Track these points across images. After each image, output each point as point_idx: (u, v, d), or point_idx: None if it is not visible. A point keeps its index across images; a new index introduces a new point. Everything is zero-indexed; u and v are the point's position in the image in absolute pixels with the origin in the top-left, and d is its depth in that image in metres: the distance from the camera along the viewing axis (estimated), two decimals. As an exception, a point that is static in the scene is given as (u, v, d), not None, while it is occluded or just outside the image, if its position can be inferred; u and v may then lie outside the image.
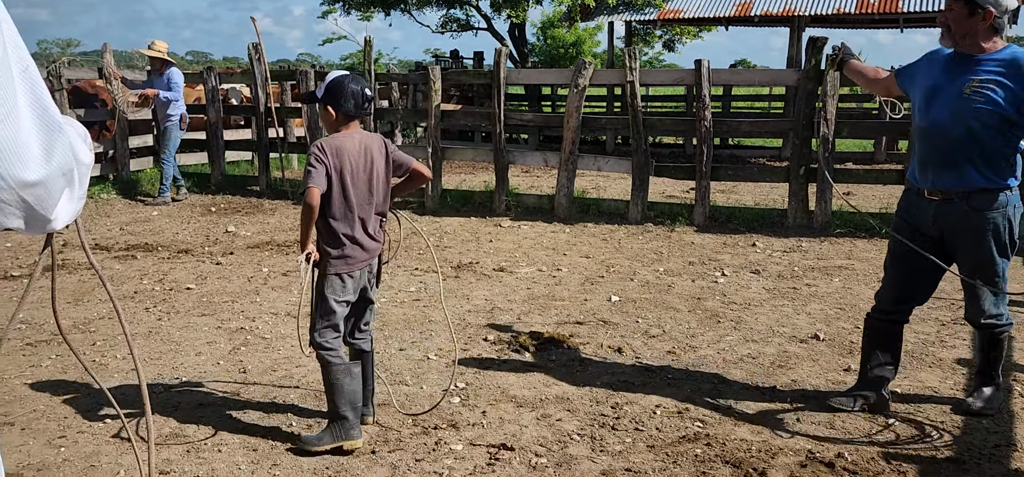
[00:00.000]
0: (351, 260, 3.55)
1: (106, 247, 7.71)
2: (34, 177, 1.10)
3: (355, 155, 3.52)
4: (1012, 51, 3.50)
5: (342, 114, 3.55)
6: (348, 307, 3.62)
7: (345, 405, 3.49)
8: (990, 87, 3.48)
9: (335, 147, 3.48)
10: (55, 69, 10.67)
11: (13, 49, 1.09)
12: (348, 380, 3.51)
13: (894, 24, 19.69)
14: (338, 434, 3.50)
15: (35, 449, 3.56)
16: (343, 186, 3.49)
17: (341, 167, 3.48)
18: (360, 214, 3.55)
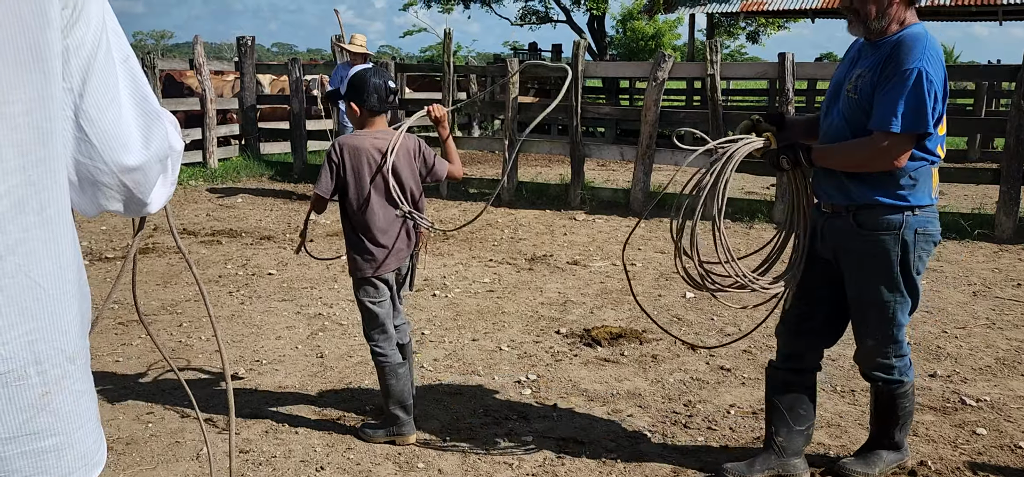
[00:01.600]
0: (375, 262, 3.45)
1: (193, 232, 8.01)
2: (134, 162, 1.16)
3: (374, 154, 3.40)
4: (905, 33, 2.78)
5: (366, 110, 3.46)
6: (388, 304, 3.55)
7: (394, 404, 3.51)
8: (867, 80, 2.82)
9: (352, 147, 3.40)
10: (149, 59, 11.13)
11: (115, 39, 1.14)
12: (394, 381, 3.49)
13: (992, 17, 18.80)
14: (391, 431, 3.55)
15: (124, 424, 3.72)
16: (360, 186, 3.40)
17: (358, 167, 3.39)
18: (385, 216, 3.43)
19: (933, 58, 2.72)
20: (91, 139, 1.10)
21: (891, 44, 2.77)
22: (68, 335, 1.08)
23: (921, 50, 2.71)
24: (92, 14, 1.08)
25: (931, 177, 2.90)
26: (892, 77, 2.73)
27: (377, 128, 3.49)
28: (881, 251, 2.91)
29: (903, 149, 2.75)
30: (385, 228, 3.44)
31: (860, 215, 2.91)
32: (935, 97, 2.74)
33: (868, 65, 2.84)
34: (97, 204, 1.17)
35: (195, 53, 11.47)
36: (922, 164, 2.85)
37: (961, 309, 5.63)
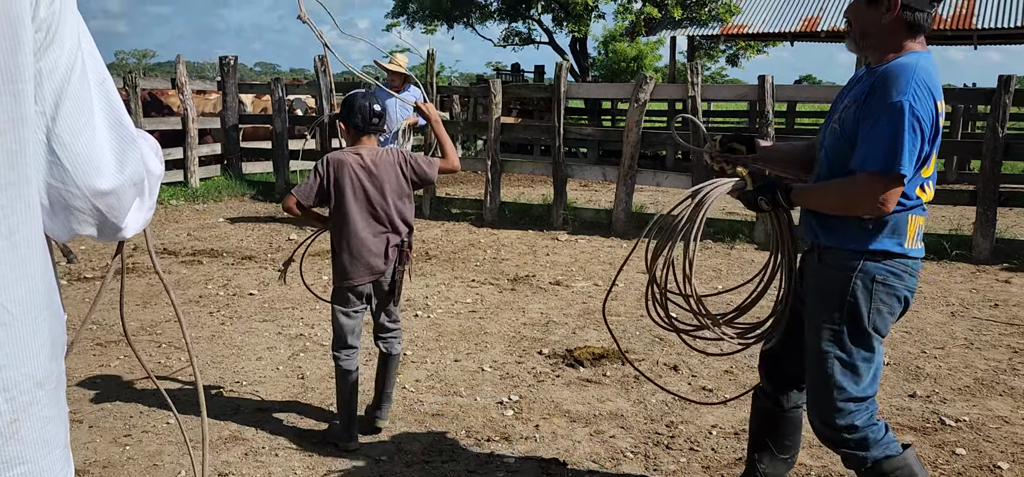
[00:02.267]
0: (349, 274, 3.61)
1: (174, 252, 7.95)
2: (107, 186, 1.14)
3: (357, 170, 3.57)
4: (896, 61, 2.44)
5: (352, 129, 3.68)
6: (358, 318, 3.71)
7: (342, 410, 3.68)
8: (851, 113, 2.51)
9: (336, 161, 3.57)
10: (131, 79, 11.07)
11: (91, 62, 1.13)
12: (345, 387, 3.66)
13: (967, 41, 19.11)
14: (336, 434, 3.71)
15: (101, 446, 3.67)
16: (341, 200, 3.56)
17: (339, 181, 3.55)
18: (363, 229, 3.58)
19: (921, 91, 2.36)
20: (63, 163, 1.09)
21: (879, 73, 2.44)
22: (38, 360, 1.07)
23: (907, 81, 2.36)
24: (66, 37, 1.07)
25: (905, 223, 2.49)
26: (874, 111, 2.40)
27: (364, 146, 3.66)
28: (829, 291, 2.57)
29: (886, 191, 2.39)
30: (361, 241, 3.58)
31: (825, 254, 2.61)
32: (921, 136, 2.38)
33: (856, 95, 2.51)
34: (69, 228, 1.16)
35: (177, 72, 11.43)
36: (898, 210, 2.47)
37: (939, 329, 5.68)
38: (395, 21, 21.34)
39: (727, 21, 18.51)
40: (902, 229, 2.50)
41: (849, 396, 2.55)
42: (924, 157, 2.44)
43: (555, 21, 19.83)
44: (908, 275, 2.53)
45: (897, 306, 2.55)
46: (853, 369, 2.55)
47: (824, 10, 17.73)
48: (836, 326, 2.55)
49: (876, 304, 2.51)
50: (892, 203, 2.42)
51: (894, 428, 3.97)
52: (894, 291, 2.52)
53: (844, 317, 2.53)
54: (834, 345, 2.56)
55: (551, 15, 19.89)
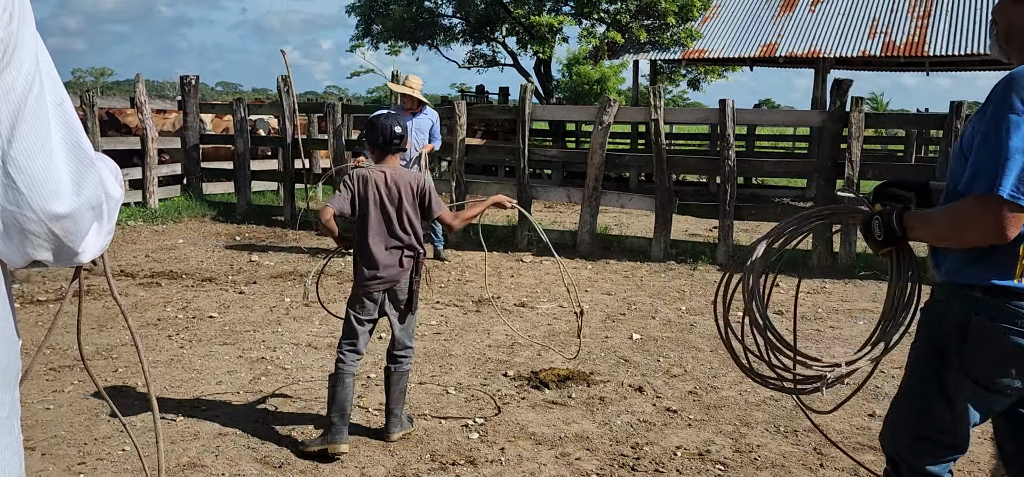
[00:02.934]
0: (365, 280, 3.85)
1: (131, 274, 7.79)
2: (64, 210, 1.12)
3: (381, 186, 3.86)
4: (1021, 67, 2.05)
5: (376, 148, 3.97)
6: (367, 326, 3.92)
7: (334, 411, 3.77)
8: (970, 125, 2.18)
9: (362, 177, 3.87)
10: (88, 97, 10.88)
11: (50, 83, 1.11)
12: (340, 389, 3.79)
13: (920, 67, 19.62)
14: (326, 438, 3.78)
15: (55, 474, 3.57)
16: (365, 213, 3.84)
17: (366, 195, 3.84)
18: (380, 240, 3.84)
19: None
20: (19, 186, 1.06)
21: (1004, 78, 2.06)
22: None
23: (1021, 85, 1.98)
24: (24, 59, 1.05)
25: (1017, 254, 2.08)
26: (987, 121, 2.04)
27: (388, 164, 3.94)
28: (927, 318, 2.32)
29: (993, 217, 2.01)
30: (377, 250, 3.82)
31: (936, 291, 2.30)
32: None
33: (981, 107, 2.13)
34: (24, 253, 1.13)
35: (136, 91, 11.26)
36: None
37: (897, 350, 5.76)
38: (359, 42, 21.29)
39: (689, 46, 18.78)
40: (1011, 261, 2.10)
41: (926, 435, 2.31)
42: None
43: (519, 43, 19.95)
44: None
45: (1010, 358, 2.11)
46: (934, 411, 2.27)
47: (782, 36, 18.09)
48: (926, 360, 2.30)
49: (972, 347, 2.15)
50: (1010, 230, 2.02)
51: (854, 447, 4.02)
52: (1000, 336, 2.11)
53: (933, 353, 2.26)
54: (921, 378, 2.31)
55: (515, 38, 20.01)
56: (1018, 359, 2.11)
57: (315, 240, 9.84)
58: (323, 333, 5.88)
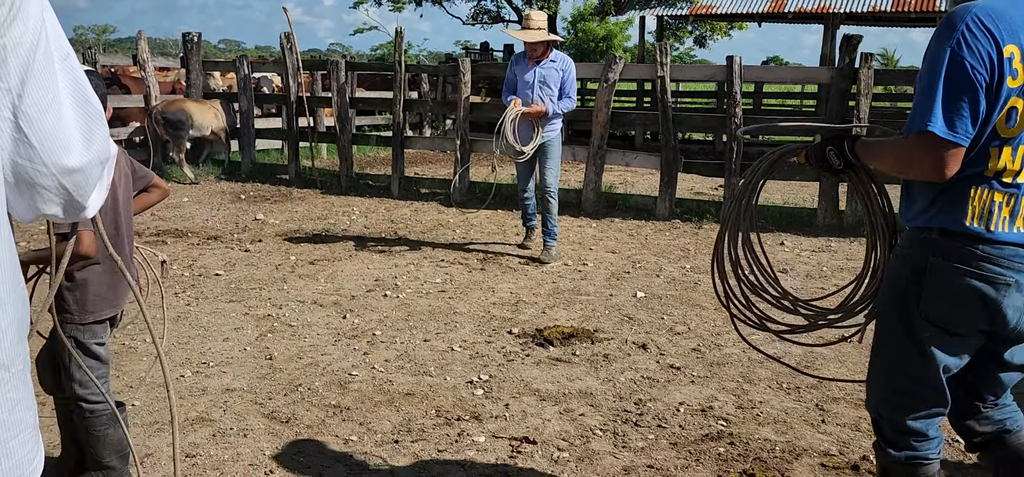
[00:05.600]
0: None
1: (137, 232, 7.82)
2: (75, 164, 1.12)
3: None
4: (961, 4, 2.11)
5: None
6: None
7: (111, 454, 3.06)
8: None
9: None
10: (90, 55, 10.84)
11: (55, 37, 1.11)
12: (111, 429, 3.02)
13: (931, 22, 19.39)
14: None
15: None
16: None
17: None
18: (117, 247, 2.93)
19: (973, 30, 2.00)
20: (31, 140, 1.07)
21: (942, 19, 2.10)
22: (3, 342, 1.04)
23: (957, 21, 2.02)
24: (31, 12, 1.05)
25: (965, 196, 2.11)
26: (925, 62, 2.08)
27: None
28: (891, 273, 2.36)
29: (931, 154, 2.04)
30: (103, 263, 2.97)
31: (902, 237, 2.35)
32: (971, 85, 2.00)
33: None
34: (35, 208, 1.14)
35: (139, 49, 11.20)
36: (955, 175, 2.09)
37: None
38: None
39: (695, 2, 18.58)
40: (960, 203, 2.12)
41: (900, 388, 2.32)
42: (984, 111, 2.02)
43: (524, 0, 19.78)
44: (980, 262, 2.11)
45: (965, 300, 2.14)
46: (905, 361, 2.28)
47: (791, -9, 17.88)
48: (888, 307, 2.32)
49: (928, 291, 2.18)
50: (948, 167, 2.04)
51: (856, 403, 4.05)
52: (952, 279, 2.14)
53: (896, 299, 2.28)
54: (888, 326, 2.33)
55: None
56: (974, 301, 2.14)
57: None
58: (328, 290, 5.91)
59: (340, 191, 10.47)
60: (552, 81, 6.59)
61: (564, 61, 6.67)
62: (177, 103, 10.78)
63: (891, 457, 2.36)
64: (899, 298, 2.26)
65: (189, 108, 10.73)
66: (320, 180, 10.89)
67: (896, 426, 2.34)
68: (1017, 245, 2.12)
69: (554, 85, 6.60)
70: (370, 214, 9.07)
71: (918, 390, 2.28)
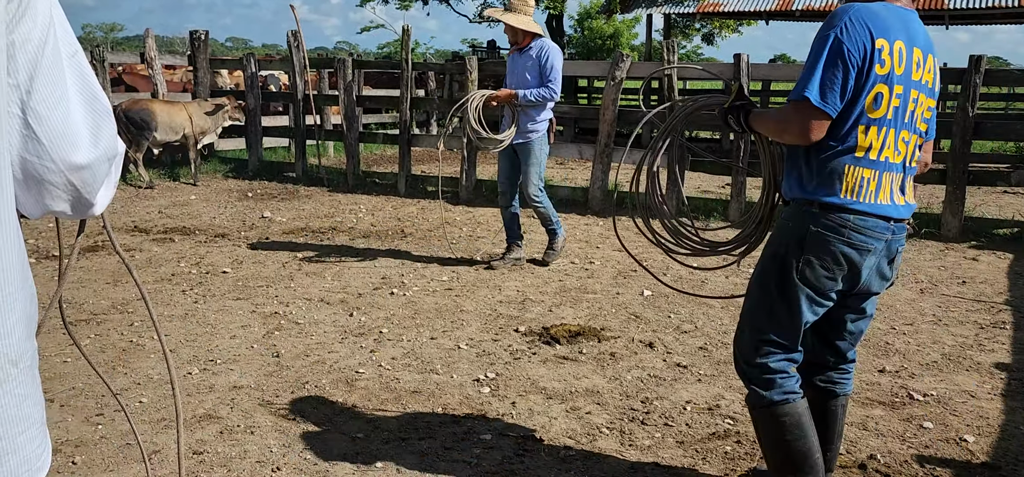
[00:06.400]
0: None
1: (145, 229, 7.85)
2: (83, 160, 1.13)
3: None
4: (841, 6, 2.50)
5: None
6: None
7: None
8: None
9: None
10: (99, 53, 10.87)
11: (63, 34, 1.11)
12: None
13: (939, 21, 19.30)
14: None
15: (73, 426, 3.64)
16: None
17: None
18: None
19: (853, 25, 2.37)
20: (40, 137, 1.07)
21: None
22: (11, 338, 1.05)
23: (839, 16, 2.41)
24: (40, 9, 1.05)
25: (841, 172, 2.47)
26: (812, 46, 2.45)
27: None
28: (773, 236, 2.69)
29: (802, 118, 2.40)
30: None
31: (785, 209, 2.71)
32: (845, 66, 2.36)
33: None
34: (43, 204, 1.15)
35: (146, 46, 11.24)
36: (827, 152, 2.48)
37: (909, 306, 5.77)
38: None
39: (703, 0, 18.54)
40: (837, 178, 2.47)
41: (766, 339, 2.66)
42: (853, 91, 2.39)
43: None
44: (850, 231, 2.48)
45: (836, 265, 2.52)
46: (775, 314, 2.63)
47: (798, -11, 17.81)
48: (769, 269, 2.63)
49: (807, 257, 2.52)
50: (813, 132, 2.40)
51: (863, 403, 4.04)
52: (829, 246, 2.50)
53: (775, 264, 2.60)
54: (764, 287, 2.65)
55: (527, -8, 19.85)
56: (842, 265, 2.52)
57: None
58: (335, 288, 5.92)
59: (347, 189, 10.48)
60: (529, 71, 6.22)
61: (539, 48, 6.19)
62: (142, 102, 10.20)
63: (765, 398, 2.69)
64: (780, 262, 2.59)
65: (155, 109, 10.07)
66: (327, 178, 10.91)
67: (763, 370, 2.68)
68: (879, 216, 2.50)
69: (532, 74, 6.21)
70: (377, 212, 9.08)
71: (782, 338, 2.65)
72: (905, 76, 2.43)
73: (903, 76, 2.43)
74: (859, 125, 2.43)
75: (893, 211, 2.53)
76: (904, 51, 2.41)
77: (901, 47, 2.40)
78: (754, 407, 2.74)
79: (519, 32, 6.25)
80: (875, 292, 2.69)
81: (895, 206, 2.53)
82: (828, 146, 2.46)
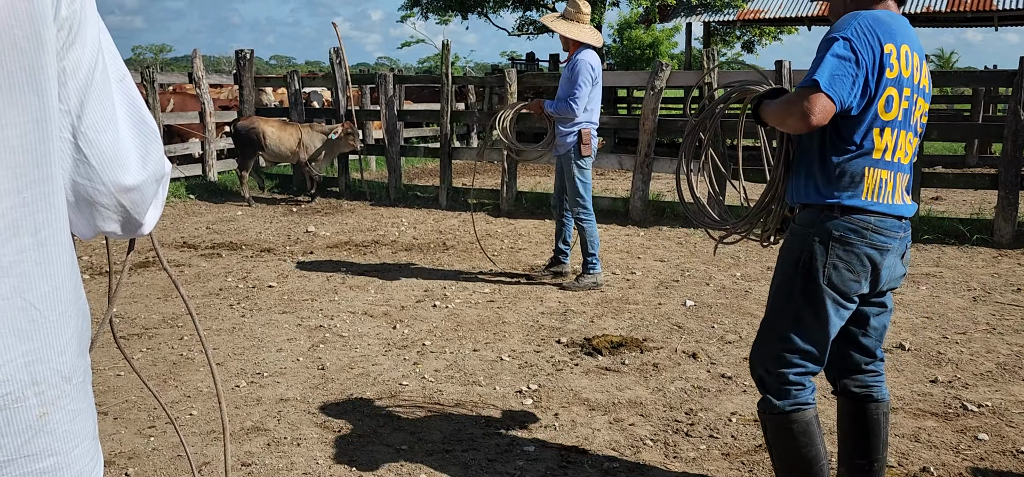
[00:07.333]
0: None
1: (193, 245, 8.01)
2: (132, 182, 1.16)
3: None
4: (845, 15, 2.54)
5: None
6: None
7: None
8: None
9: None
10: (148, 74, 11.15)
11: (111, 59, 1.14)
12: None
13: (988, 22, 18.88)
14: None
15: (126, 438, 3.72)
16: None
17: None
18: None
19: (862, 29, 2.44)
20: (90, 160, 1.11)
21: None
22: (65, 355, 1.08)
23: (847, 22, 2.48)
24: (89, 35, 1.08)
25: (860, 174, 2.52)
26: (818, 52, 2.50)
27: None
28: (790, 245, 2.68)
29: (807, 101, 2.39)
30: None
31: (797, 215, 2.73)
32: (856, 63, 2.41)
33: None
34: (94, 225, 1.18)
35: (194, 67, 11.49)
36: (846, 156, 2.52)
37: (961, 314, 5.63)
38: (409, 12, 21.37)
39: (742, 7, 18.37)
40: (858, 181, 2.52)
41: (792, 347, 2.65)
42: (866, 90, 2.43)
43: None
44: (872, 233, 2.53)
45: (861, 266, 2.56)
46: (802, 321, 2.62)
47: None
48: (792, 275, 2.63)
49: (833, 260, 2.54)
50: (815, 116, 2.39)
51: (915, 414, 3.95)
52: (854, 248, 2.54)
53: (799, 270, 2.60)
54: (788, 294, 2.65)
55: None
56: (866, 266, 2.56)
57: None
58: (379, 301, 5.98)
59: (389, 202, 10.58)
60: (564, 82, 6.14)
61: (574, 60, 6.09)
62: (253, 121, 10.46)
63: (777, 407, 2.69)
64: (804, 268, 2.59)
65: (264, 128, 10.28)
66: (369, 192, 11.02)
67: (780, 378, 2.69)
68: (894, 217, 2.56)
69: (565, 85, 6.11)
70: (419, 225, 9.15)
71: (809, 346, 2.64)
72: (909, 79, 2.51)
73: (908, 79, 2.51)
74: (875, 128, 2.49)
75: (905, 211, 2.60)
76: (908, 55, 2.50)
77: (906, 51, 2.49)
78: (766, 413, 2.76)
79: (568, 41, 6.20)
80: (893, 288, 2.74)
81: (905, 206, 2.61)
82: (847, 150, 2.51)
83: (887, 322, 2.81)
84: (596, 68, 6.15)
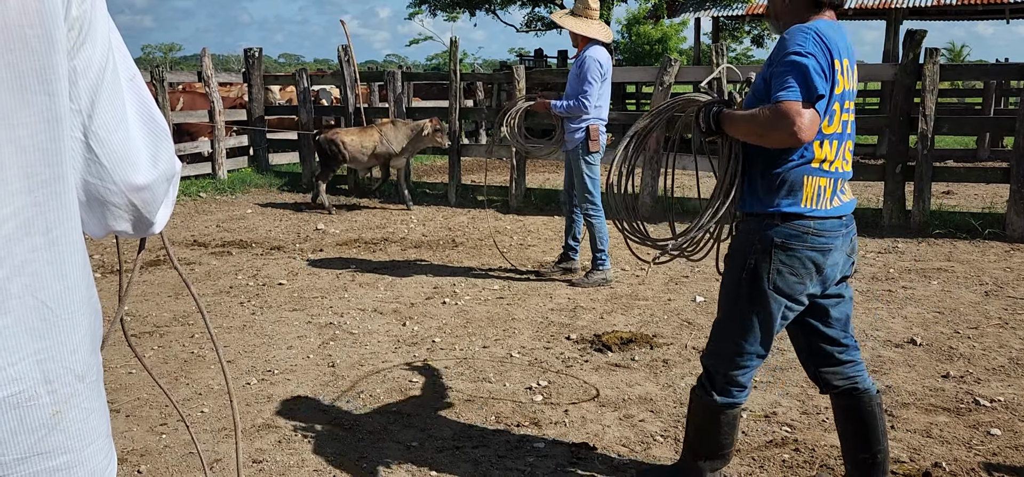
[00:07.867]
0: None
1: (203, 243, 8.04)
2: (143, 181, 1.16)
3: None
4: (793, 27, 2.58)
5: None
6: None
7: None
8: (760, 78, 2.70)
9: None
10: (158, 73, 11.18)
11: (120, 58, 1.15)
12: None
13: (999, 15, 18.75)
14: None
15: (138, 435, 3.74)
16: None
17: None
18: None
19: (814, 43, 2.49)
20: (101, 159, 1.11)
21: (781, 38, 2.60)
22: (77, 354, 1.08)
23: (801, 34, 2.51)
24: (99, 35, 1.08)
25: (800, 183, 2.60)
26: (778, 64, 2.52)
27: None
28: (736, 250, 2.77)
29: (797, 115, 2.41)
30: None
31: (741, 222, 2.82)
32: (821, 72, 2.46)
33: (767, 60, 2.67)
34: (105, 225, 1.18)
35: (203, 65, 11.53)
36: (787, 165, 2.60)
37: (973, 309, 5.60)
38: (417, 9, 21.39)
39: (751, 1, 18.30)
40: (797, 189, 2.61)
41: (742, 352, 2.78)
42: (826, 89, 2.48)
43: None
44: (812, 237, 2.62)
45: (804, 269, 2.65)
46: (749, 326, 2.74)
47: (851, -13, 17.46)
48: (739, 281, 2.73)
49: (776, 266, 2.64)
50: (808, 131, 2.44)
51: (926, 409, 3.93)
52: (795, 253, 2.63)
53: (744, 278, 2.70)
54: (735, 300, 2.75)
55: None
56: (810, 269, 2.65)
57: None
58: (388, 298, 5.99)
59: (398, 200, 10.59)
60: (572, 78, 6.15)
61: (582, 56, 6.08)
62: (332, 133, 10.07)
63: (716, 402, 2.86)
64: (749, 275, 2.69)
65: (343, 139, 9.91)
66: (379, 190, 11.04)
67: (727, 379, 2.84)
68: (835, 218, 2.65)
69: (574, 82, 6.12)
70: (428, 222, 9.16)
71: (755, 351, 2.77)
72: (851, 92, 2.63)
73: (850, 92, 2.62)
74: (816, 140, 2.57)
75: (844, 210, 2.70)
76: (848, 67, 2.59)
77: (846, 64, 2.57)
78: (701, 399, 2.91)
79: (577, 37, 6.19)
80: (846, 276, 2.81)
81: (845, 205, 2.70)
82: (788, 159, 2.59)
83: (849, 311, 2.86)
84: (605, 64, 6.13)
